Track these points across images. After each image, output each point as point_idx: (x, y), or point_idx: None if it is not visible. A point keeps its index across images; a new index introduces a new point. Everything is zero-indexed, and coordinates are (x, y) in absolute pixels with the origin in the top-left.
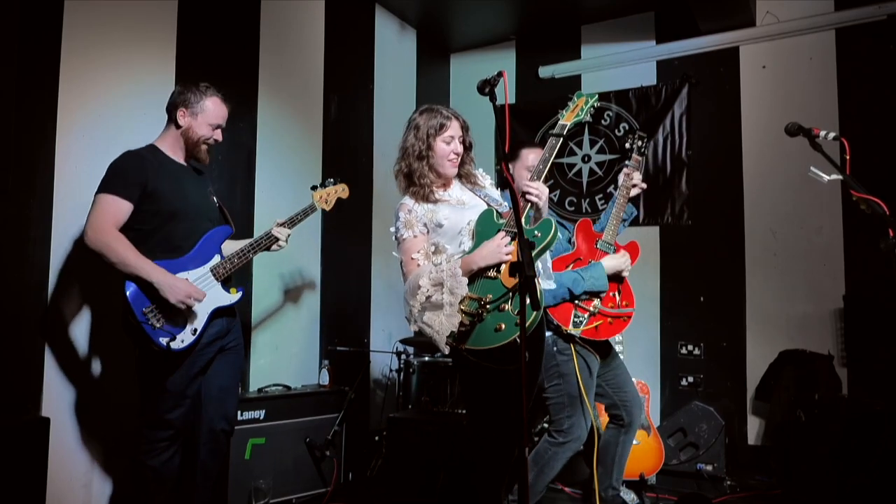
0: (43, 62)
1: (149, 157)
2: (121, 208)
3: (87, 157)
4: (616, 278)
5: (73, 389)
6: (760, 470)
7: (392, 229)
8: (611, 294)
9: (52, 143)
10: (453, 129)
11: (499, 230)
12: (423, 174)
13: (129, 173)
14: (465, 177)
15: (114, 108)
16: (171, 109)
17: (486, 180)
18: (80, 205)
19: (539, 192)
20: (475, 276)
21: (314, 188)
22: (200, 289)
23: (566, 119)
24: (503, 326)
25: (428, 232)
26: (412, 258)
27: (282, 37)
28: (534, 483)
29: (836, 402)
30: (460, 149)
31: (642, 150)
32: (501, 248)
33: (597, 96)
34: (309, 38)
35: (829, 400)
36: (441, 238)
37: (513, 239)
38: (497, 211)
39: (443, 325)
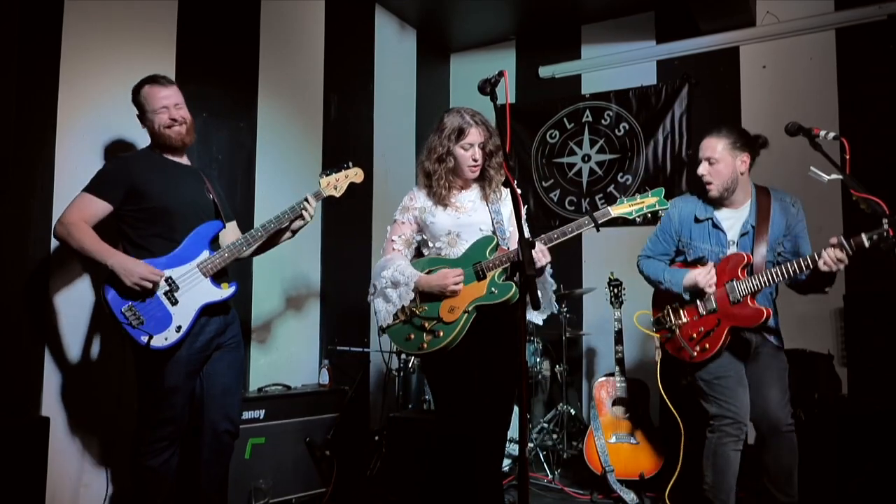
0: (43, 62)
1: (138, 159)
2: (94, 206)
3: (87, 157)
4: (701, 299)
5: (73, 389)
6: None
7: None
8: (700, 329)
9: (52, 143)
10: (472, 135)
11: (476, 263)
12: (441, 177)
13: (111, 176)
14: (486, 183)
15: (114, 108)
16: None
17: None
18: None
19: (543, 258)
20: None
21: (322, 175)
22: (160, 271)
23: (616, 209)
24: (412, 337)
25: (417, 224)
26: (392, 240)
27: (282, 37)
28: (712, 485)
29: (836, 402)
30: (479, 156)
31: (875, 240)
32: (448, 287)
33: (668, 205)
34: (309, 38)
35: (829, 400)
36: (426, 234)
37: (479, 278)
38: (497, 243)
39: (381, 313)
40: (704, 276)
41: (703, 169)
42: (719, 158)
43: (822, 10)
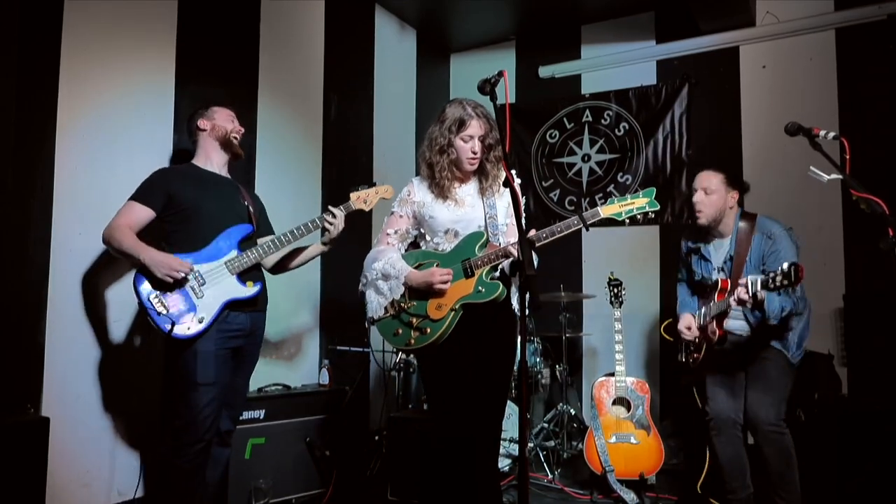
0: (43, 62)
1: (177, 170)
2: (138, 212)
3: (87, 157)
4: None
5: (73, 389)
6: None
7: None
8: (696, 341)
9: (52, 143)
10: (473, 128)
11: (464, 260)
12: (444, 168)
13: (153, 184)
14: (483, 177)
15: (114, 108)
16: (192, 126)
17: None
18: (80, 205)
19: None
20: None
21: (353, 190)
22: (188, 263)
23: (606, 210)
24: (400, 332)
25: (415, 218)
26: (387, 233)
27: (282, 37)
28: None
29: (836, 402)
30: (478, 148)
31: (769, 284)
32: (434, 285)
33: (658, 206)
34: (309, 38)
35: (829, 400)
36: (423, 228)
37: (467, 275)
38: (487, 239)
39: (373, 304)
40: (681, 326)
41: (698, 197)
42: (715, 190)
43: (822, 10)
